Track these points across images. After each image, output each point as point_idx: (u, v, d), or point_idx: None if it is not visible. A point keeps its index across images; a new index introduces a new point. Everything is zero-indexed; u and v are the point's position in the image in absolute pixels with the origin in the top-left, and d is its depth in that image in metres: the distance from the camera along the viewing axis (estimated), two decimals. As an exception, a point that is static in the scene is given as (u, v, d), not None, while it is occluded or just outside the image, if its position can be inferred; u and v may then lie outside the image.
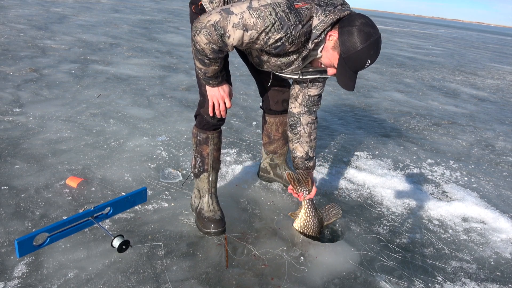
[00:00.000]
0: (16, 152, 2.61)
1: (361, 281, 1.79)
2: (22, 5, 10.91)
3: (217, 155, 2.03)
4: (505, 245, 2.23)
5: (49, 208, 2.05)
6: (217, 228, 1.94)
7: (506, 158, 3.66)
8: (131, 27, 9.47)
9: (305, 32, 1.54)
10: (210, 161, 2.01)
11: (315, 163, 2.11)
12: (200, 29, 1.55)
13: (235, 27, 1.51)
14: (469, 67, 10.11)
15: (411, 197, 2.63)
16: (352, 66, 1.52)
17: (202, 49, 1.59)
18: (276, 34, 1.51)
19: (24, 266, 1.65)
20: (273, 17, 1.49)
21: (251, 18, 1.50)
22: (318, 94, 1.99)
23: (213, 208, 2.00)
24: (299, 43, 1.58)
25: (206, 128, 1.97)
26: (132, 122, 3.38)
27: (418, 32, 24.95)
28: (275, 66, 1.78)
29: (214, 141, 1.99)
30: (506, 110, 5.77)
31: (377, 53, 1.51)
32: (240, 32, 1.51)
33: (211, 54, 1.61)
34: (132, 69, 5.35)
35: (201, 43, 1.57)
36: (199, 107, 1.97)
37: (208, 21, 1.53)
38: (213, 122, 1.95)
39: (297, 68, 1.77)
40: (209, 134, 1.97)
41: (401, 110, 4.94)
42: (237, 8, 1.52)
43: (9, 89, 3.87)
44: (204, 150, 2.00)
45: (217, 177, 2.10)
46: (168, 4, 20.09)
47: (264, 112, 2.38)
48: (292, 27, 1.50)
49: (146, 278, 1.66)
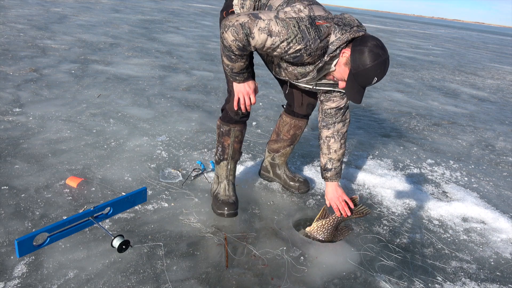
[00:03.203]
0: (16, 152, 2.61)
1: (361, 281, 1.79)
2: (22, 5, 10.90)
3: (237, 147, 2.19)
4: (505, 245, 2.23)
5: (49, 208, 2.05)
6: (229, 210, 2.07)
7: (506, 158, 3.66)
8: (131, 27, 9.47)
9: (322, 47, 1.67)
10: (230, 152, 2.18)
11: (337, 172, 2.12)
12: (229, 27, 1.66)
13: (260, 30, 1.64)
14: (469, 67, 10.11)
15: (411, 197, 2.63)
16: (360, 82, 1.65)
17: (229, 45, 1.70)
18: (297, 45, 1.64)
19: (24, 266, 1.64)
20: (296, 29, 1.62)
21: (277, 26, 1.63)
22: (335, 107, 2.04)
23: (228, 193, 2.15)
24: (316, 56, 1.70)
25: (229, 122, 2.12)
26: (132, 122, 3.38)
27: (418, 32, 24.95)
28: (292, 75, 1.89)
29: (235, 134, 2.14)
30: (506, 110, 5.77)
31: (383, 72, 1.64)
32: (264, 36, 1.64)
33: (237, 50, 1.72)
34: (132, 69, 5.35)
35: (228, 39, 1.68)
36: (226, 103, 2.12)
37: (236, 21, 1.66)
38: (236, 118, 2.09)
39: (312, 79, 1.87)
40: (231, 126, 2.12)
41: (401, 110, 4.94)
42: (265, 15, 1.66)
43: (9, 89, 3.87)
44: (225, 141, 2.16)
45: (236, 166, 2.25)
46: (168, 4, 20.09)
47: (284, 111, 2.43)
48: (312, 41, 1.64)
49: (146, 278, 1.66)
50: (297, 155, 3.07)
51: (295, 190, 2.48)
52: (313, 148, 3.26)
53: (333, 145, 2.09)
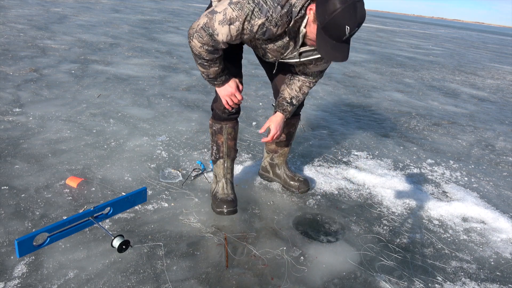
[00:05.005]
0: (16, 152, 2.61)
1: (361, 281, 1.79)
2: (22, 5, 10.90)
3: (232, 144, 2.17)
4: (505, 245, 2.23)
5: (49, 208, 2.05)
6: (228, 207, 2.06)
7: (506, 158, 3.66)
8: (131, 27, 9.47)
9: (286, 12, 1.56)
10: (225, 149, 2.17)
11: (293, 112, 2.07)
12: (193, 35, 1.66)
13: (220, 23, 1.59)
14: (469, 67, 10.10)
15: (411, 197, 2.63)
16: (332, 34, 1.48)
17: (199, 52, 1.70)
18: (258, 20, 1.57)
19: (24, 266, 1.64)
20: (250, 4, 1.55)
21: (233, 12, 1.57)
22: (320, 70, 1.97)
23: (226, 191, 2.14)
24: (284, 24, 1.59)
25: (220, 119, 2.12)
26: (132, 122, 3.38)
27: (418, 32, 24.94)
28: (276, 52, 1.80)
29: (228, 131, 2.13)
30: (506, 110, 5.77)
31: (355, 17, 1.44)
32: (226, 27, 1.59)
33: (207, 55, 1.70)
34: (132, 69, 5.34)
35: (197, 47, 1.68)
36: (213, 102, 2.13)
37: (197, 25, 1.64)
38: (224, 116, 2.09)
39: (294, 49, 1.75)
40: (223, 124, 2.12)
41: (401, 110, 4.94)
42: (220, 7, 1.61)
43: (9, 89, 3.87)
44: (219, 139, 2.16)
45: (233, 164, 2.24)
46: (168, 4, 20.09)
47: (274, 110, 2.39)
48: (272, 10, 1.55)
49: (146, 278, 1.66)
50: (297, 155, 3.07)
51: (295, 189, 2.47)
52: (313, 148, 3.26)
53: (305, 87, 2.03)
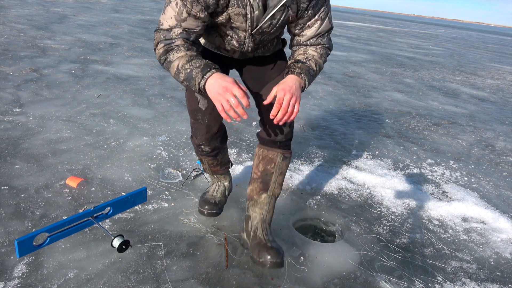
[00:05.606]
0: (16, 152, 2.61)
1: (361, 281, 1.79)
2: (22, 5, 10.90)
3: (217, 169, 2.01)
4: (505, 245, 2.23)
5: (49, 208, 2.05)
6: (209, 210, 2.00)
7: (506, 158, 3.66)
8: (131, 27, 9.47)
9: None
10: (210, 172, 2.05)
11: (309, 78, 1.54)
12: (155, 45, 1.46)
13: (164, 13, 1.41)
14: (469, 67, 10.10)
15: (411, 197, 2.63)
16: None
17: (159, 54, 1.44)
18: None
19: (24, 266, 1.64)
20: None
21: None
22: (315, 35, 1.56)
23: (215, 194, 2.09)
24: None
25: (198, 153, 1.93)
26: (132, 122, 3.38)
27: (418, 32, 24.94)
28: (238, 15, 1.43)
29: (209, 162, 1.96)
30: (506, 110, 5.77)
31: None
32: (168, 10, 1.39)
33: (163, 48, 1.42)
34: (132, 69, 5.35)
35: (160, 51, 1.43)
36: (191, 131, 1.85)
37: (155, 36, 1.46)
38: (201, 154, 1.88)
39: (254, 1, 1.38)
40: (202, 158, 1.94)
41: (401, 110, 4.94)
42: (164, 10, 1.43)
43: (9, 89, 3.87)
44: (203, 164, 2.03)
45: (227, 174, 2.13)
46: (168, 4, 20.07)
47: None
48: None
49: (146, 278, 1.66)
50: (297, 155, 3.07)
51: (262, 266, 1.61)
52: (313, 148, 3.26)
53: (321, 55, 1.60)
